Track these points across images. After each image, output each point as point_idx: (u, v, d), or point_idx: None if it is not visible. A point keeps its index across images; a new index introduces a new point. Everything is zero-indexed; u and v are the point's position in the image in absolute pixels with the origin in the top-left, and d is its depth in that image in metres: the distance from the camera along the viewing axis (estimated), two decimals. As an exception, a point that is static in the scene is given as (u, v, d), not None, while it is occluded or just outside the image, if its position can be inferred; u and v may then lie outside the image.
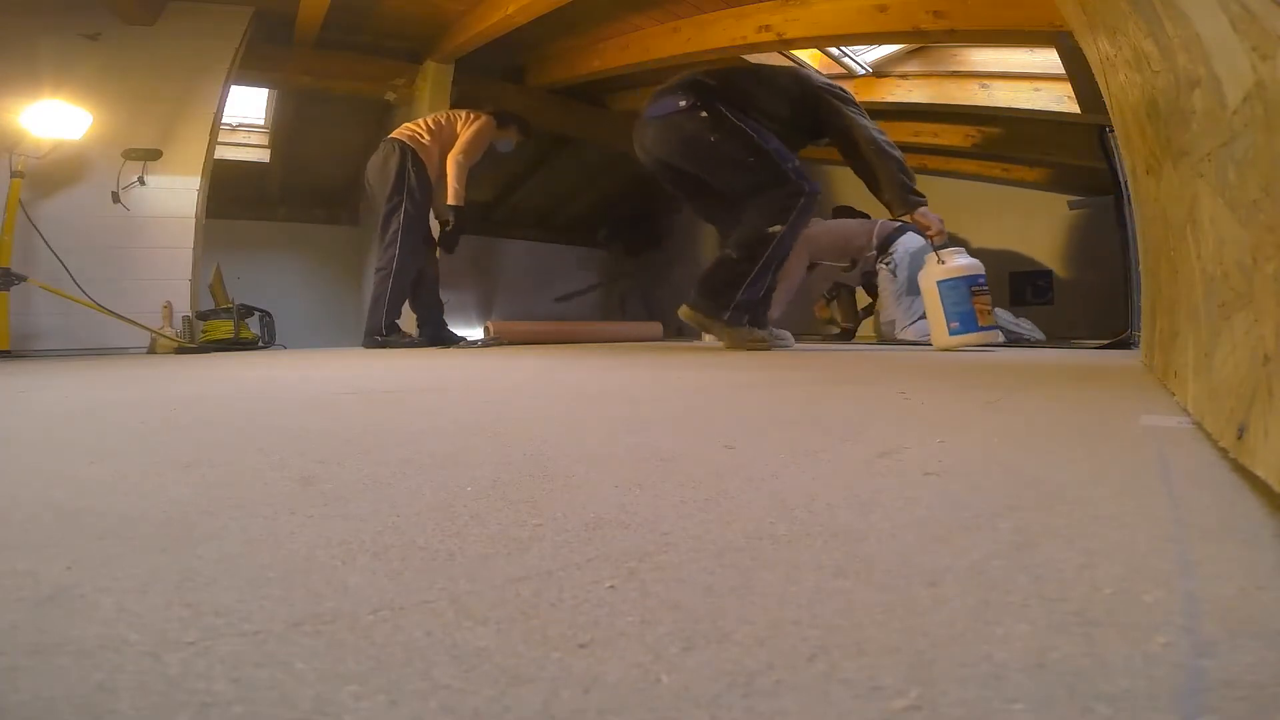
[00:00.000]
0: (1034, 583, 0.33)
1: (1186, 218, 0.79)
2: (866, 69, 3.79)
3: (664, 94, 2.64)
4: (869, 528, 0.42)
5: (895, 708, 0.23)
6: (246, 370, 1.90)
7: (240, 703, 0.23)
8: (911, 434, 0.74)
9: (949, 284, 2.57)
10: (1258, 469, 0.46)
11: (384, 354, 2.78)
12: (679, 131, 2.55)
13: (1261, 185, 0.48)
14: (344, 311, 4.83)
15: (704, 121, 2.51)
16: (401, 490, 0.53)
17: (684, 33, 3.53)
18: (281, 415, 0.97)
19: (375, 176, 3.20)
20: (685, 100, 2.53)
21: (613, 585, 0.34)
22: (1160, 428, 0.75)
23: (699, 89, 2.56)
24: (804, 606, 0.31)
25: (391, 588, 0.34)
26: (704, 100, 2.53)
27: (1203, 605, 0.30)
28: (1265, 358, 0.46)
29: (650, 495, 0.50)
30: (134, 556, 0.38)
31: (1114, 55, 1.14)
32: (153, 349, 3.08)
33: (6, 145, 2.83)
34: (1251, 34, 0.46)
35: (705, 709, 0.23)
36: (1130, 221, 2.56)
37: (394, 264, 3.13)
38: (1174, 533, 0.40)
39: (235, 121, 4.21)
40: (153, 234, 3.20)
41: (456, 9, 3.48)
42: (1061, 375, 1.50)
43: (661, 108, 2.59)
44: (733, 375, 1.55)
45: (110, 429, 0.88)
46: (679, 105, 2.54)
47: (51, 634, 0.29)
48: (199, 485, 0.55)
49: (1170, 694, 0.23)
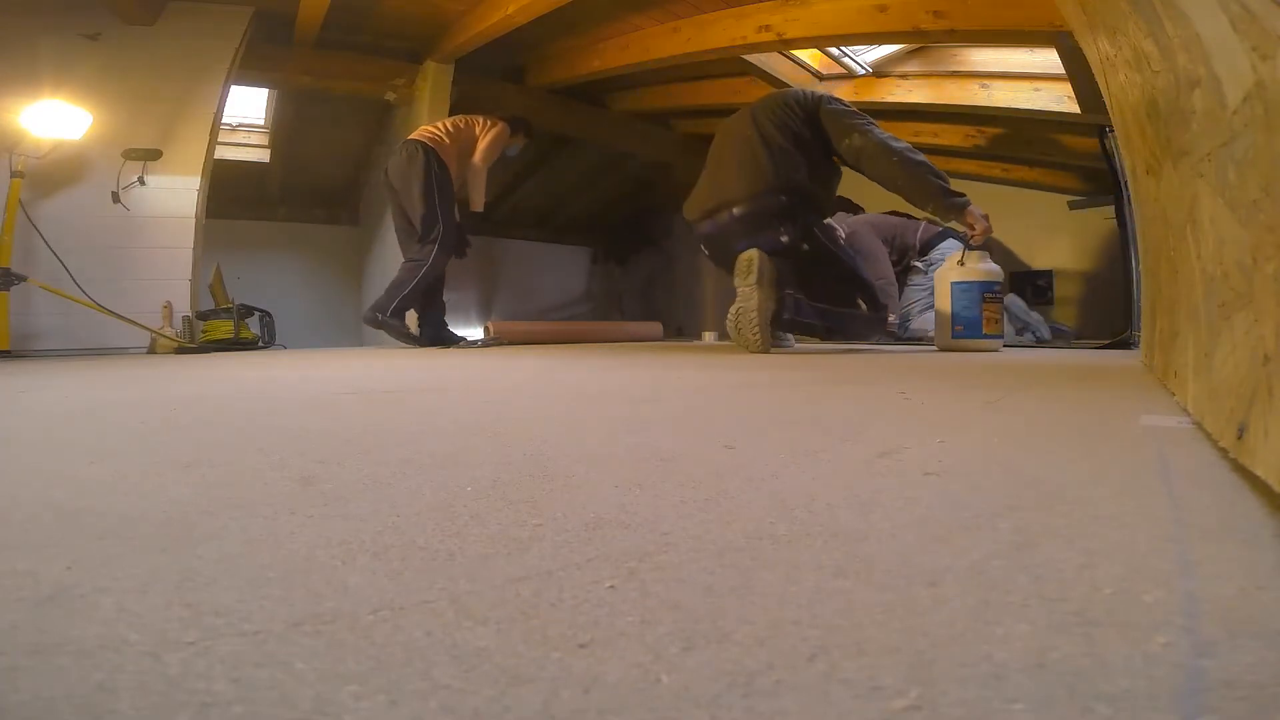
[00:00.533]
0: (1034, 583, 0.33)
1: (1186, 218, 0.79)
2: (866, 69, 3.80)
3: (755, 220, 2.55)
4: (869, 528, 0.42)
5: (895, 708, 0.23)
6: (246, 370, 1.90)
7: (240, 703, 0.23)
8: (911, 434, 0.74)
9: (962, 286, 2.60)
10: (1258, 469, 0.46)
11: (384, 354, 2.78)
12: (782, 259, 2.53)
13: (1261, 185, 0.48)
14: (344, 311, 4.83)
15: (805, 253, 2.56)
16: (401, 490, 0.53)
17: (684, 33, 3.53)
18: (281, 415, 0.97)
19: (399, 178, 3.23)
20: (788, 236, 2.53)
21: (613, 585, 0.34)
22: (1160, 428, 0.75)
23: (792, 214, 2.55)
24: (804, 606, 0.31)
25: (391, 588, 0.34)
26: (804, 232, 2.55)
27: (1203, 605, 0.30)
28: (1265, 358, 0.46)
29: (650, 495, 0.50)
30: (134, 556, 0.38)
31: (1114, 55, 1.14)
32: (153, 349, 3.08)
33: (6, 145, 2.83)
34: (1251, 34, 0.46)
35: (705, 709, 0.23)
36: (1130, 221, 2.56)
37: (431, 258, 3.18)
38: (1174, 533, 0.40)
39: (235, 121, 4.21)
40: (153, 234, 3.20)
41: (456, 9, 3.48)
42: (1061, 375, 1.50)
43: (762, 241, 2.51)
44: (732, 375, 1.55)
45: (110, 429, 0.88)
46: (781, 240, 2.53)
47: (51, 634, 0.29)
48: (199, 485, 0.55)
49: (1170, 694, 0.23)
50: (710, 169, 2.77)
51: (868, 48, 3.67)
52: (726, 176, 2.65)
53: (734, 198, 2.60)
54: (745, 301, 2.41)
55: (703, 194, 2.75)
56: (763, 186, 2.55)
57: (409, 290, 3.17)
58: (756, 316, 2.38)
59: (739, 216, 2.58)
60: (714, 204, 2.67)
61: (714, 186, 2.70)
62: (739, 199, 2.59)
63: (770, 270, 2.40)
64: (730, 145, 2.69)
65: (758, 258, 2.40)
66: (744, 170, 2.59)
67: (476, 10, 3.41)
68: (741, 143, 2.63)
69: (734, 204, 2.60)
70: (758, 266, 2.38)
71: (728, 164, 2.67)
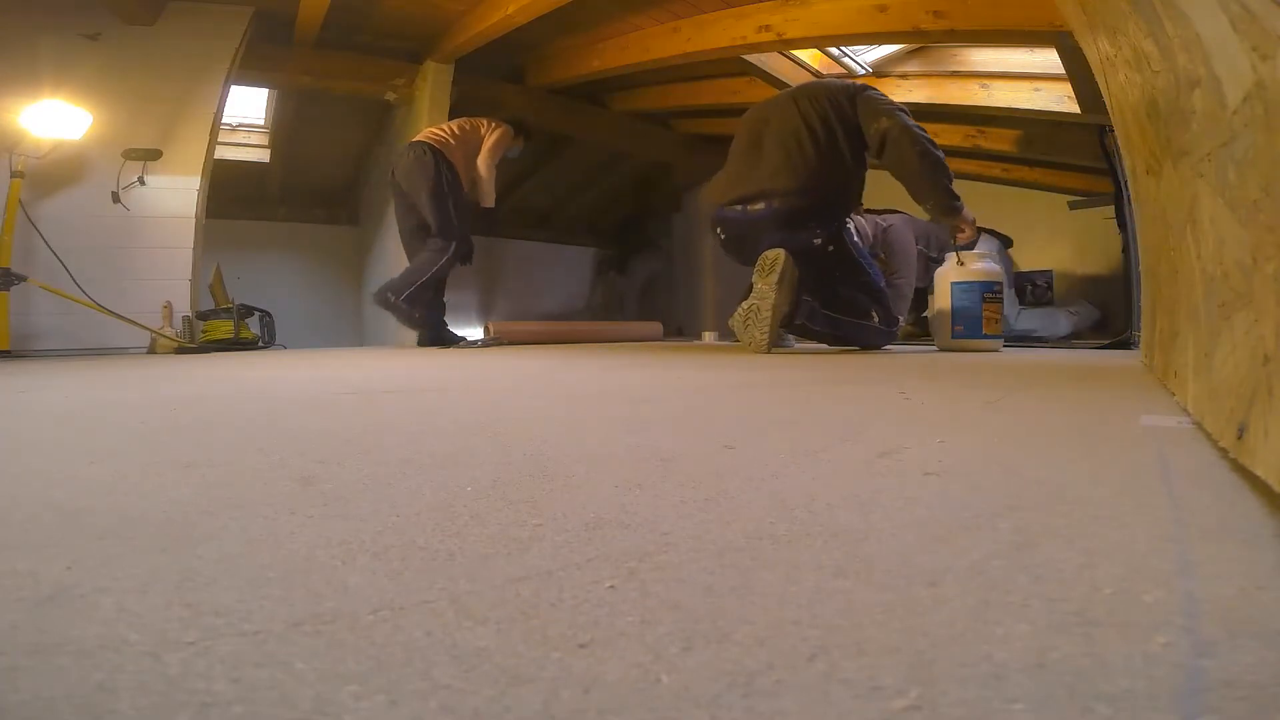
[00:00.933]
0: (1034, 583, 0.33)
1: (1186, 218, 0.79)
2: (866, 69, 3.80)
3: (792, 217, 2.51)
4: (869, 528, 0.42)
5: (895, 708, 0.23)
6: (246, 370, 1.90)
7: (240, 703, 0.23)
8: (911, 434, 0.74)
9: (963, 286, 2.62)
10: (1258, 469, 0.46)
11: (383, 354, 2.78)
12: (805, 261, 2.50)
13: (1261, 185, 0.48)
14: (344, 311, 4.83)
15: (831, 255, 2.54)
16: (401, 490, 0.53)
17: (684, 32, 3.53)
18: (281, 415, 0.97)
19: (406, 180, 3.24)
20: (820, 238, 2.51)
21: (613, 585, 0.34)
22: (1160, 428, 0.75)
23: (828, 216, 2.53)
24: (804, 606, 0.31)
25: (391, 588, 0.34)
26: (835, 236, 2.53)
27: (1203, 605, 0.30)
28: (1265, 358, 0.46)
29: (650, 495, 0.50)
30: (134, 556, 0.38)
31: (1114, 55, 1.14)
32: (153, 349, 3.08)
33: (6, 145, 2.83)
34: (1251, 34, 0.46)
35: (705, 709, 0.23)
36: (1130, 221, 2.56)
37: (455, 243, 3.21)
38: (1174, 533, 0.40)
39: (235, 121, 4.21)
40: (153, 234, 3.20)
41: (456, 9, 3.48)
42: (1061, 375, 1.50)
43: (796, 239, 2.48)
44: (732, 375, 1.55)
45: (110, 429, 0.88)
46: (814, 242, 2.50)
47: (51, 634, 0.29)
48: (199, 485, 0.55)
49: (1170, 694, 0.23)
50: (745, 153, 2.66)
51: (868, 48, 3.67)
52: (767, 166, 2.56)
53: (773, 189, 2.52)
54: (761, 300, 2.38)
55: (734, 179, 2.66)
56: (806, 184, 2.50)
57: (427, 277, 3.18)
58: (770, 316, 2.37)
59: (776, 210, 2.52)
60: (748, 192, 2.58)
61: (750, 174, 2.60)
62: (778, 192, 2.52)
63: (792, 273, 2.39)
64: (772, 133, 2.59)
65: (783, 259, 2.37)
66: (790, 163, 2.51)
67: (476, 10, 3.41)
68: (788, 134, 2.55)
69: (772, 196, 2.52)
70: (782, 268, 2.36)
71: (769, 153, 2.57)
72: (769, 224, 2.53)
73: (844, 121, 2.54)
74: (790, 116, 2.57)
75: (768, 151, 2.58)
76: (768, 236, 2.49)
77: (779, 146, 2.56)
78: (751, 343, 2.42)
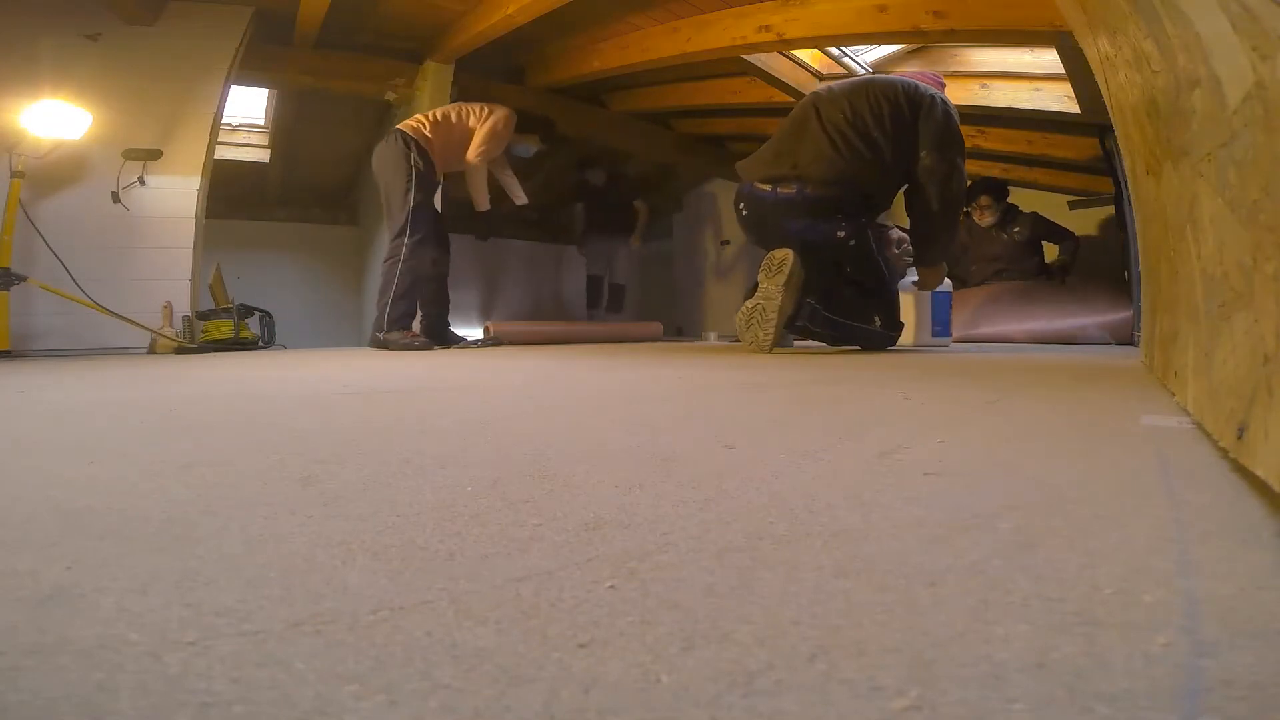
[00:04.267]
0: (1034, 583, 0.33)
1: (1186, 218, 0.79)
2: (866, 69, 3.79)
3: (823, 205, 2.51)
4: (869, 528, 0.42)
5: (895, 708, 0.23)
6: (246, 370, 1.90)
7: (240, 703, 0.23)
8: (911, 434, 0.74)
9: (942, 295, 3.08)
10: (1258, 469, 0.46)
11: (383, 354, 2.78)
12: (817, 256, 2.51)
13: (1261, 185, 0.48)
14: (344, 311, 4.83)
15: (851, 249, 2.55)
16: (401, 490, 0.52)
17: (684, 33, 3.53)
18: (281, 415, 0.97)
19: (379, 166, 3.18)
20: (844, 232, 2.51)
21: (613, 585, 0.34)
22: (1160, 428, 0.75)
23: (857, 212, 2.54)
24: (804, 606, 0.31)
25: (391, 588, 0.34)
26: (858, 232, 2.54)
27: (1203, 605, 0.30)
28: (1265, 358, 0.46)
29: (650, 495, 0.50)
30: (134, 556, 0.38)
31: (1114, 55, 1.14)
32: (153, 349, 3.08)
33: (6, 145, 2.83)
34: (1251, 34, 0.46)
35: (705, 709, 0.23)
36: (1130, 222, 2.56)
37: (401, 251, 3.06)
38: (1174, 533, 0.40)
39: (235, 121, 4.21)
40: (153, 234, 3.20)
41: (456, 9, 3.47)
42: (1061, 375, 1.50)
43: (820, 229, 2.49)
44: (732, 375, 1.55)
45: (110, 429, 0.88)
46: (838, 234, 2.51)
47: (51, 634, 0.29)
48: (199, 485, 0.55)
49: (1170, 694, 0.23)
50: (792, 134, 2.65)
51: (868, 48, 3.67)
52: (809, 151, 2.56)
53: (811, 175, 2.52)
54: (767, 300, 2.40)
55: (774, 157, 2.65)
56: (845, 176, 2.51)
57: (393, 293, 3.07)
58: (775, 317, 2.39)
59: (807, 196, 2.52)
60: (785, 172, 2.58)
61: (791, 155, 2.60)
62: (816, 179, 2.52)
63: (799, 275, 2.41)
64: (820, 120, 2.59)
65: (792, 260, 2.39)
66: (830, 153, 2.52)
67: (477, 10, 3.41)
68: (834, 124, 2.54)
69: (808, 182, 2.52)
70: (789, 269, 2.37)
71: (813, 139, 2.57)
72: (796, 209, 2.54)
73: (899, 125, 2.53)
74: (842, 108, 2.57)
75: (812, 137, 2.59)
76: (792, 222, 2.51)
77: (823, 134, 2.56)
78: (754, 342, 2.43)
